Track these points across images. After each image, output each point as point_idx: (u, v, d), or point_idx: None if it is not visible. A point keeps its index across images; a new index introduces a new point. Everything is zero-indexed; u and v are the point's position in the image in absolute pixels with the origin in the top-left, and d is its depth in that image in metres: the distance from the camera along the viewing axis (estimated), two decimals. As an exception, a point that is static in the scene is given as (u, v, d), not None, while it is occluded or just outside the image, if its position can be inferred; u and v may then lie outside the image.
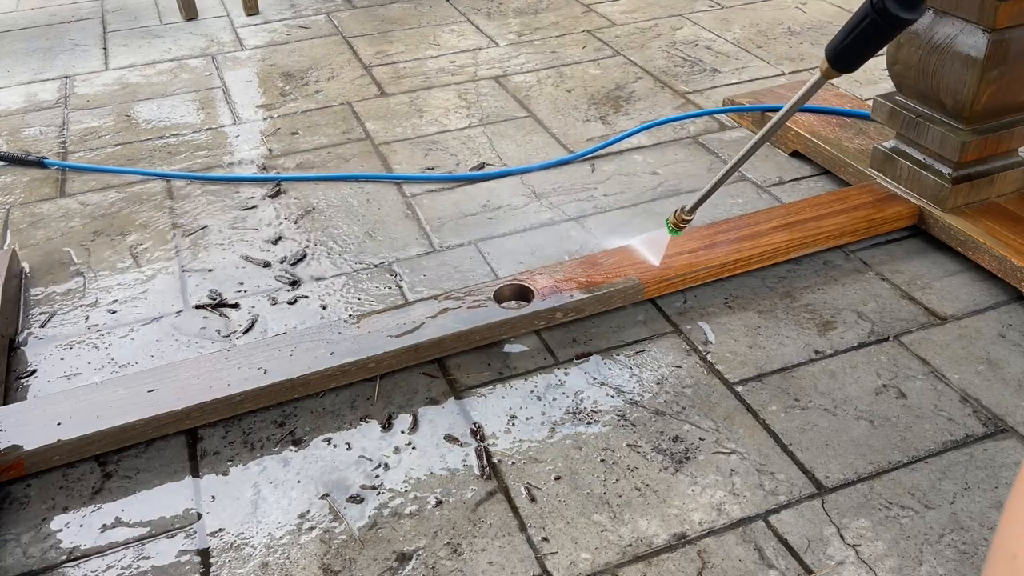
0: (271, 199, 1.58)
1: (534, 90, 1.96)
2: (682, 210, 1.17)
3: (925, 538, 0.93)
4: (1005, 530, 0.41)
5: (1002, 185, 1.36)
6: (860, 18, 0.83)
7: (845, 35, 0.86)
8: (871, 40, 0.84)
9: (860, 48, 0.86)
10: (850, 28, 0.85)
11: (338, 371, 1.11)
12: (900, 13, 0.80)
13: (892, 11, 0.80)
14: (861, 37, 0.84)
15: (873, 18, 0.81)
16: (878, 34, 0.83)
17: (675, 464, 1.02)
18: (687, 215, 1.17)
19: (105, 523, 0.98)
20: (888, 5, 0.80)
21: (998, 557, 0.40)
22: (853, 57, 0.87)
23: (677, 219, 1.18)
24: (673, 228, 1.19)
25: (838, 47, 0.87)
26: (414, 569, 0.92)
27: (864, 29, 0.83)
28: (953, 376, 1.13)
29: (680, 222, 1.18)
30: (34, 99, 2.02)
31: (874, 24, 0.82)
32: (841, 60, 0.88)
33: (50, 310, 1.32)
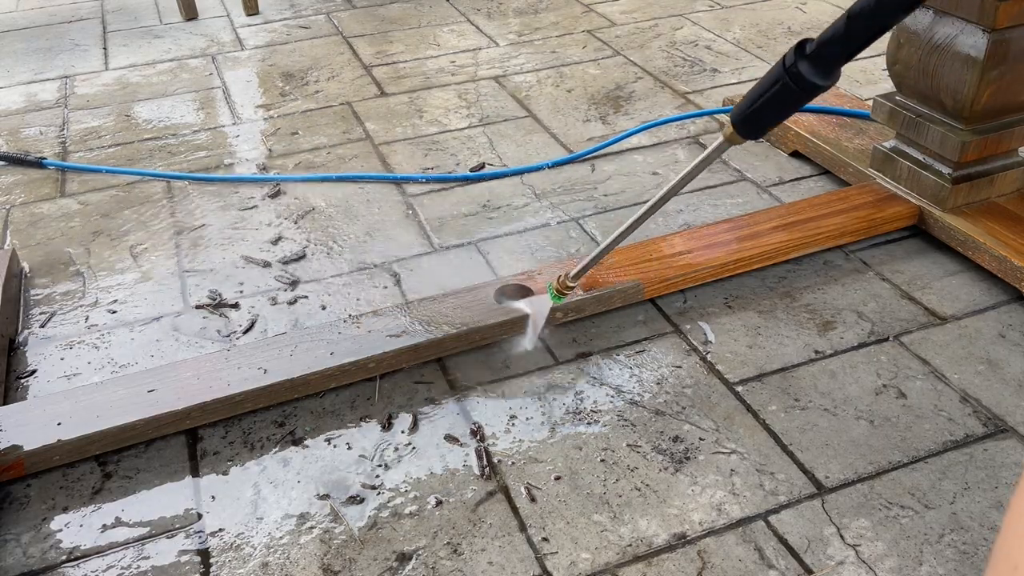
0: (271, 199, 1.58)
1: (534, 90, 1.96)
2: (566, 276, 1.12)
3: (925, 538, 0.93)
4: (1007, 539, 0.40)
5: (1002, 185, 1.36)
6: (772, 82, 0.78)
7: (754, 100, 0.80)
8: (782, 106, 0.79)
9: (770, 114, 0.80)
10: (760, 92, 0.79)
11: (338, 371, 1.11)
12: (815, 79, 0.75)
13: (807, 77, 0.75)
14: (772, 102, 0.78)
15: (785, 83, 0.76)
16: (790, 100, 0.78)
17: (675, 464, 1.02)
18: (571, 282, 1.12)
19: (105, 523, 0.98)
20: (802, 70, 0.75)
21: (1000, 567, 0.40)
22: (761, 123, 0.82)
23: (561, 285, 1.13)
24: (556, 295, 1.14)
25: (745, 112, 0.81)
26: (414, 569, 0.92)
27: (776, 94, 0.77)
28: (953, 376, 1.13)
29: (564, 288, 1.13)
30: (34, 99, 2.02)
31: (787, 89, 0.76)
32: (748, 126, 0.82)
33: (50, 310, 1.32)
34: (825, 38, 0.75)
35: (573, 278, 1.13)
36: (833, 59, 0.75)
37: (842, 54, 0.75)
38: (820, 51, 0.75)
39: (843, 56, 0.75)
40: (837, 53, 0.75)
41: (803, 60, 0.76)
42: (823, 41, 0.75)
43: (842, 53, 0.74)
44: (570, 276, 1.13)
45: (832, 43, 0.74)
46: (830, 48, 0.74)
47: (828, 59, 0.75)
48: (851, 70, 1.99)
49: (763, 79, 0.80)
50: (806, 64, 0.76)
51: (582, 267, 1.12)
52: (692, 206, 1.51)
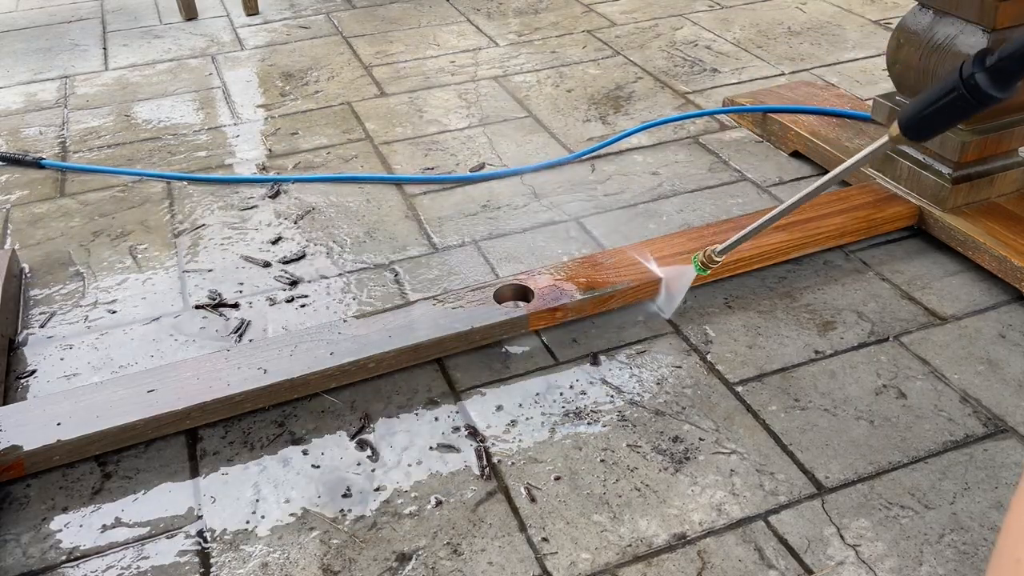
0: (271, 199, 1.58)
1: (534, 90, 1.96)
2: (713, 251, 1.13)
3: (925, 538, 0.93)
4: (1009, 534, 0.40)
5: (1002, 185, 1.36)
6: (946, 91, 0.77)
7: (925, 105, 0.80)
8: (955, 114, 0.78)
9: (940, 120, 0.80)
10: (933, 99, 0.79)
11: (338, 371, 1.11)
12: (992, 91, 0.74)
13: (984, 89, 0.74)
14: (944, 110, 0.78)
15: (961, 93, 0.75)
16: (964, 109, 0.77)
17: (675, 464, 1.02)
18: (717, 256, 1.13)
19: (105, 523, 0.98)
20: (980, 82, 0.74)
21: (1003, 560, 0.40)
22: (931, 128, 0.82)
23: (707, 258, 1.14)
24: (700, 267, 1.15)
25: (916, 117, 0.81)
26: (414, 569, 0.91)
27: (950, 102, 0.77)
28: (953, 376, 1.13)
29: (710, 262, 1.14)
30: (34, 99, 2.02)
31: (962, 99, 0.76)
32: (917, 130, 0.82)
33: (50, 310, 1.32)
34: (1007, 52, 0.73)
35: (720, 252, 1.13)
36: (1012, 73, 0.74)
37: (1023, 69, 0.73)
38: (1000, 64, 0.74)
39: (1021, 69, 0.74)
40: (1018, 68, 0.73)
41: (982, 72, 0.75)
42: (1005, 55, 0.74)
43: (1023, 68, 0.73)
44: (717, 251, 1.13)
45: (1013, 58, 0.73)
46: (1011, 62, 0.73)
47: (1007, 72, 0.74)
48: (851, 71, 1.99)
49: (938, 86, 0.79)
50: (984, 76, 0.75)
51: (730, 243, 1.12)
52: (692, 206, 1.51)
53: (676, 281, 1.20)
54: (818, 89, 1.79)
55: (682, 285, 1.19)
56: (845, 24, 2.26)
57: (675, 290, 1.21)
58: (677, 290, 1.20)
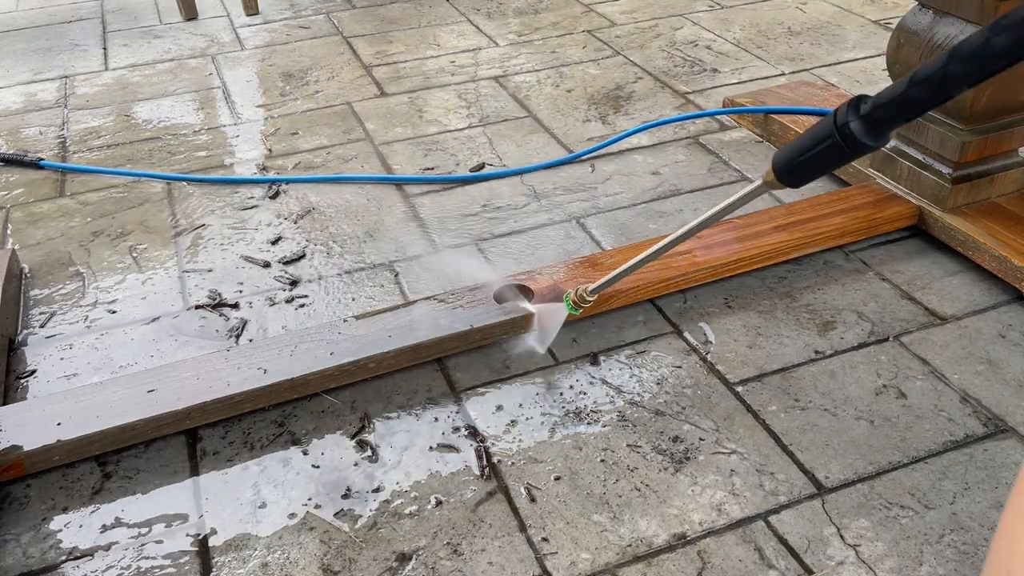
0: (271, 199, 1.58)
1: (534, 90, 1.96)
2: (585, 290, 1.12)
3: (925, 538, 0.93)
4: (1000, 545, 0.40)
5: (1002, 185, 1.36)
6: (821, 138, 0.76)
7: (800, 152, 0.79)
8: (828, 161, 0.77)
9: (814, 167, 0.79)
10: (807, 146, 0.78)
11: (338, 371, 1.11)
12: (866, 140, 0.73)
13: (858, 137, 0.73)
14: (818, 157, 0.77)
15: (835, 141, 0.74)
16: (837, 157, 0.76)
17: (675, 464, 1.02)
18: (589, 296, 1.12)
19: (105, 523, 0.98)
20: (854, 130, 0.73)
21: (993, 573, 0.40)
22: (805, 175, 0.81)
23: (578, 297, 1.13)
24: (572, 306, 1.14)
25: (791, 163, 0.80)
26: (414, 569, 0.92)
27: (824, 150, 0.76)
28: (953, 376, 1.13)
29: (581, 301, 1.12)
30: (34, 99, 2.02)
31: (836, 147, 0.75)
32: (791, 176, 0.81)
33: (50, 310, 1.32)
34: (882, 100, 0.72)
35: (591, 292, 1.12)
36: (888, 122, 0.73)
37: (898, 118, 0.72)
38: (875, 113, 0.73)
39: (899, 120, 0.72)
40: (893, 117, 0.72)
41: (856, 120, 0.74)
42: (880, 103, 0.72)
43: (898, 117, 0.72)
44: (589, 290, 1.12)
45: (889, 106, 0.72)
46: (886, 111, 0.72)
47: (882, 121, 0.73)
48: (851, 71, 1.99)
49: (812, 132, 0.78)
50: (859, 124, 0.74)
51: (602, 283, 1.11)
52: (692, 206, 1.51)
53: (549, 318, 1.17)
54: (818, 89, 1.79)
55: (555, 323, 1.16)
56: (845, 24, 2.26)
57: (548, 327, 1.17)
58: (550, 327, 1.16)
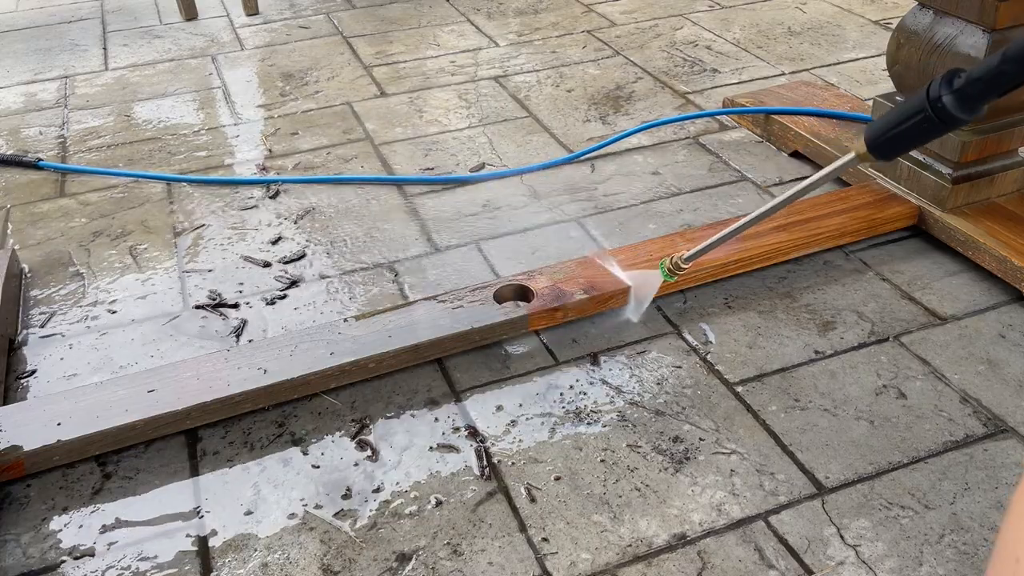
0: (271, 199, 1.58)
1: (534, 90, 1.96)
2: (680, 258, 1.13)
3: (925, 538, 0.93)
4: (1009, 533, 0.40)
5: (1002, 185, 1.36)
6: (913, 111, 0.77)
7: (893, 125, 0.80)
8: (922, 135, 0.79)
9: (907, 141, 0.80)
10: (900, 119, 0.79)
11: (338, 371, 1.11)
12: (959, 114, 0.75)
13: (951, 111, 0.74)
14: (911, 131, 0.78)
15: (928, 115, 0.76)
16: (930, 131, 0.78)
17: (675, 464, 1.02)
18: (684, 263, 1.13)
19: (105, 523, 0.98)
20: (947, 104, 0.74)
21: (1002, 559, 0.40)
22: (897, 148, 0.82)
23: (673, 265, 1.13)
24: (668, 273, 1.15)
25: (882, 135, 0.81)
26: (414, 569, 0.91)
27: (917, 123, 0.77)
28: (953, 376, 1.13)
29: (676, 269, 1.13)
30: (34, 99, 2.02)
31: (928, 120, 0.76)
32: (883, 149, 0.82)
33: (50, 310, 1.32)
34: (975, 75, 0.74)
35: (686, 260, 1.12)
36: (980, 96, 0.74)
37: (990, 93, 0.74)
38: (967, 88, 0.74)
39: (991, 95, 0.74)
40: (985, 92, 0.74)
41: (950, 95, 0.75)
42: (973, 78, 0.74)
43: (990, 92, 0.73)
44: (683, 258, 1.12)
45: (982, 82, 0.73)
46: (979, 86, 0.74)
47: (975, 96, 0.75)
48: (851, 71, 1.99)
49: (905, 107, 0.79)
50: (952, 98, 0.75)
51: (697, 250, 1.12)
52: (692, 206, 1.51)
53: (643, 287, 1.19)
54: (818, 89, 1.79)
55: (650, 291, 1.18)
56: (845, 24, 2.26)
57: (642, 296, 1.19)
58: (644, 295, 1.19)
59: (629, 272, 1.23)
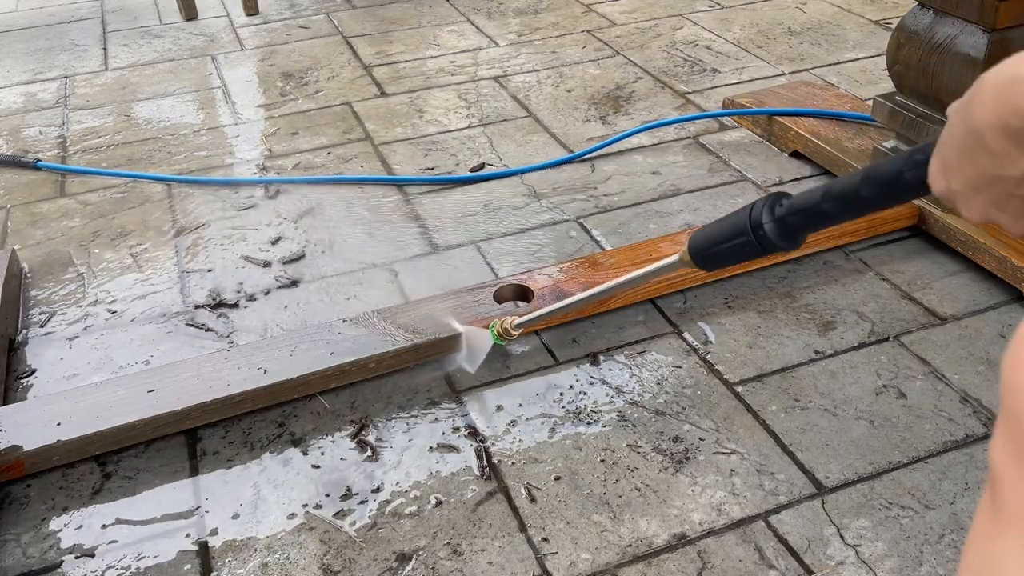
0: (271, 199, 1.58)
1: (534, 90, 1.96)
2: (511, 323, 1.11)
3: (925, 538, 0.93)
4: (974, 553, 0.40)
5: (1002, 185, 1.36)
6: (736, 232, 0.80)
7: (715, 241, 0.83)
8: (741, 254, 0.81)
9: (728, 257, 0.83)
10: (723, 237, 0.82)
11: (338, 371, 1.11)
12: (778, 242, 0.77)
13: (771, 238, 0.77)
14: (732, 250, 0.81)
15: (749, 239, 0.78)
16: (750, 252, 0.80)
17: (675, 464, 1.02)
18: (514, 330, 1.11)
19: (105, 523, 0.98)
20: (768, 231, 0.77)
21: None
22: (718, 262, 0.85)
23: (502, 330, 1.11)
24: (497, 336, 1.12)
25: (705, 248, 0.84)
26: (414, 569, 0.91)
27: (738, 244, 0.80)
28: (953, 376, 1.13)
29: (506, 334, 1.11)
30: (34, 99, 2.02)
31: (749, 244, 0.79)
32: (705, 260, 0.85)
33: (50, 310, 1.32)
34: (796, 207, 0.75)
35: (516, 327, 1.11)
36: (799, 228, 0.76)
37: (808, 227, 0.76)
38: (788, 218, 0.76)
39: (809, 228, 0.76)
40: (804, 225, 0.76)
41: (771, 222, 0.77)
42: (793, 210, 0.76)
43: (808, 226, 0.76)
44: (514, 324, 1.11)
45: (801, 214, 0.75)
46: (798, 218, 0.76)
47: (794, 227, 0.76)
48: (851, 71, 1.99)
49: (728, 224, 0.81)
50: (772, 227, 0.77)
51: (528, 319, 1.11)
52: (692, 206, 1.51)
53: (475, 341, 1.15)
54: (818, 89, 1.79)
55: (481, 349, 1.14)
56: (845, 24, 2.26)
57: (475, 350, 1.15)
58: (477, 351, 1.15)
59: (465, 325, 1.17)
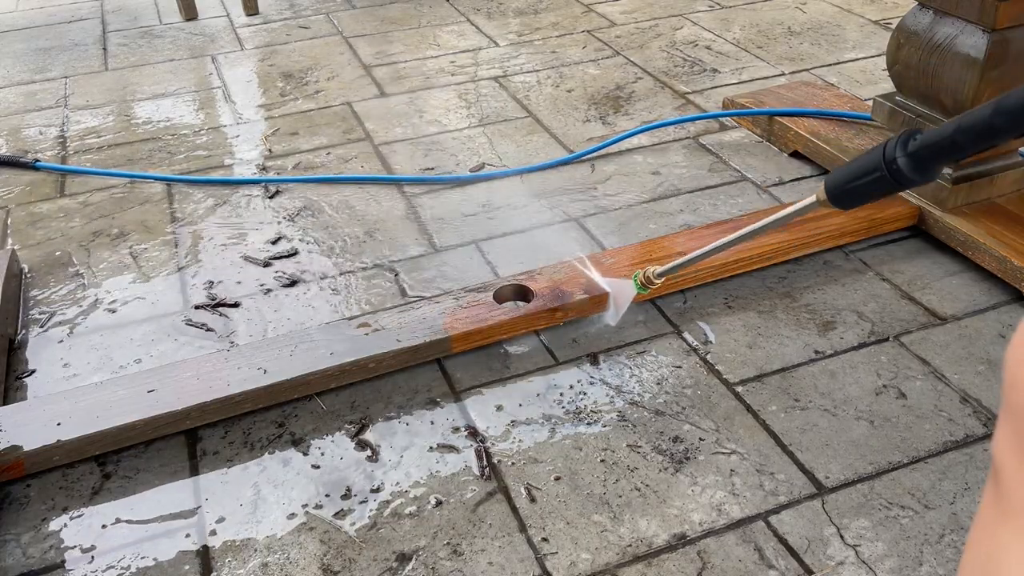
0: (270, 199, 1.58)
1: (534, 90, 1.96)
2: (653, 272, 1.13)
3: (925, 538, 0.93)
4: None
5: (1002, 185, 1.36)
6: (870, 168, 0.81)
7: (850, 179, 0.84)
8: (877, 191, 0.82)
9: (864, 195, 0.84)
10: (857, 174, 0.83)
11: (338, 371, 1.11)
12: (913, 175, 0.78)
13: (905, 172, 0.78)
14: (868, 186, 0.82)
15: (883, 175, 0.79)
16: (885, 188, 0.81)
17: (675, 464, 1.02)
18: (656, 278, 1.13)
19: (105, 523, 0.98)
20: (902, 165, 0.78)
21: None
22: (855, 200, 0.86)
23: (646, 278, 1.14)
24: (640, 286, 1.14)
25: (841, 187, 0.86)
26: (414, 569, 0.91)
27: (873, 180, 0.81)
28: (953, 376, 1.13)
29: (648, 282, 1.13)
30: (34, 99, 2.02)
31: (883, 180, 0.80)
32: (842, 200, 0.86)
33: (50, 310, 1.32)
34: (929, 141, 0.76)
35: (658, 275, 1.13)
36: (932, 160, 0.77)
37: (943, 159, 0.77)
38: (921, 152, 0.77)
39: (943, 161, 0.77)
40: (937, 156, 0.77)
41: (904, 156, 0.78)
42: (927, 144, 0.77)
43: (943, 158, 0.76)
44: (656, 273, 1.13)
45: (934, 147, 0.76)
46: (931, 151, 0.76)
47: (928, 160, 0.77)
48: (851, 71, 1.99)
49: (863, 161, 0.83)
50: (906, 161, 0.78)
51: (670, 267, 1.12)
52: (692, 206, 1.51)
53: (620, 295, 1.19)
54: (818, 89, 1.79)
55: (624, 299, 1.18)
56: (845, 24, 2.26)
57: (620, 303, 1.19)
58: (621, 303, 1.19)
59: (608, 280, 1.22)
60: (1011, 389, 0.38)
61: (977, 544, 0.40)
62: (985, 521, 0.40)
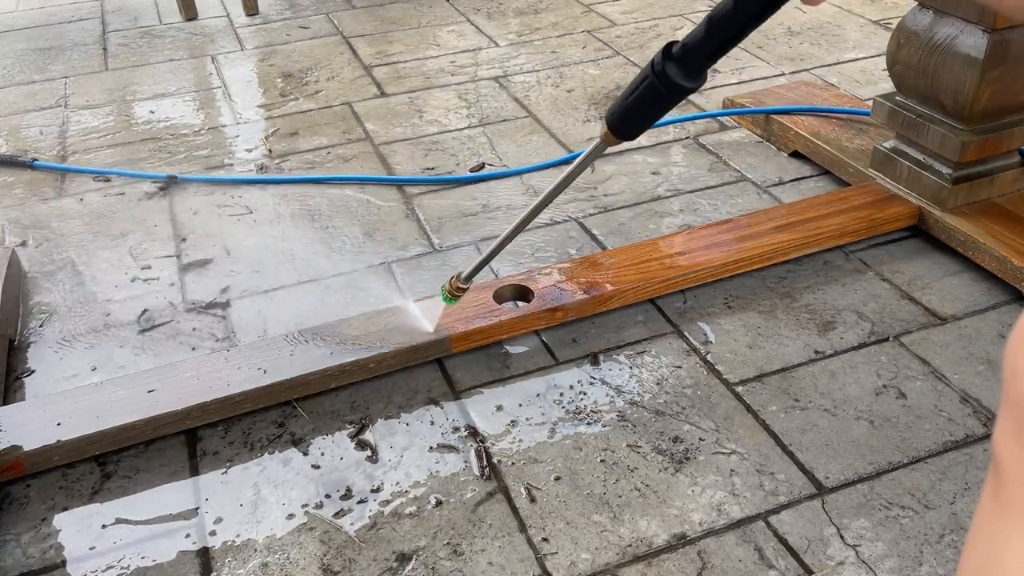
0: (270, 199, 1.58)
1: (534, 90, 1.95)
2: (457, 278, 1.09)
3: (925, 538, 0.93)
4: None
5: (1002, 185, 1.36)
6: (639, 82, 0.81)
7: (624, 100, 0.83)
8: (651, 106, 0.81)
9: (641, 114, 0.83)
10: (629, 92, 0.82)
11: (338, 371, 1.11)
12: (680, 81, 0.78)
13: (673, 78, 0.78)
14: (641, 103, 0.81)
15: (652, 83, 0.79)
16: (658, 100, 0.80)
17: (675, 464, 1.02)
18: (463, 283, 1.09)
19: (105, 523, 0.98)
20: (669, 71, 0.78)
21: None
22: (634, 123, 0.85)
23: (452, 287, 1.10)
24: (448, 296, 1.11)
25: (617, 113, 0.84)
26: (414, 569, 0.91)
27: (644, 94, 0.80)
28: (953, 376, 1.13)
29: (456, 290, 1.10)
30: (34, 99, 2.02)
31: (654, 89, 0.79)
32: (621, 127, 0.85)
33: (50, 310, 1.32)
34: (688, 41, 0.78)
35: (465, 279, 1.10)
36: (697, 61, 0.78)
37: (704, 56, 0.78)
38: (684, 53, 0.78)
39: (705, 58, 0.78)
40: (700, 55, 0.78)
41: (669, 61, 0.79)
42: (687, 44, 0.78)
43: (704, 55, 0.77)
44: (461, 278, 1.09)
45: (695, 47, 0.77)
46: (693, 50, 0.78)
47: (692, 61, 0.78)
48: (851, 71, 1.99)
49: (633, 81, 0.83)
50: (672, 65, 0.79)
51: (473, 267, 1.09)
52: (692, 206, 1.51)
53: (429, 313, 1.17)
54: (818, 89, 1.79)
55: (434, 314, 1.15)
56: (845, 24, 2.26)
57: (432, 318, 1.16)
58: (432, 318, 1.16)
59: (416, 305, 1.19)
60: (1011, 380, 0.39)
61: (977, 536, 0.40)
62: (985, 514, 0.40)
